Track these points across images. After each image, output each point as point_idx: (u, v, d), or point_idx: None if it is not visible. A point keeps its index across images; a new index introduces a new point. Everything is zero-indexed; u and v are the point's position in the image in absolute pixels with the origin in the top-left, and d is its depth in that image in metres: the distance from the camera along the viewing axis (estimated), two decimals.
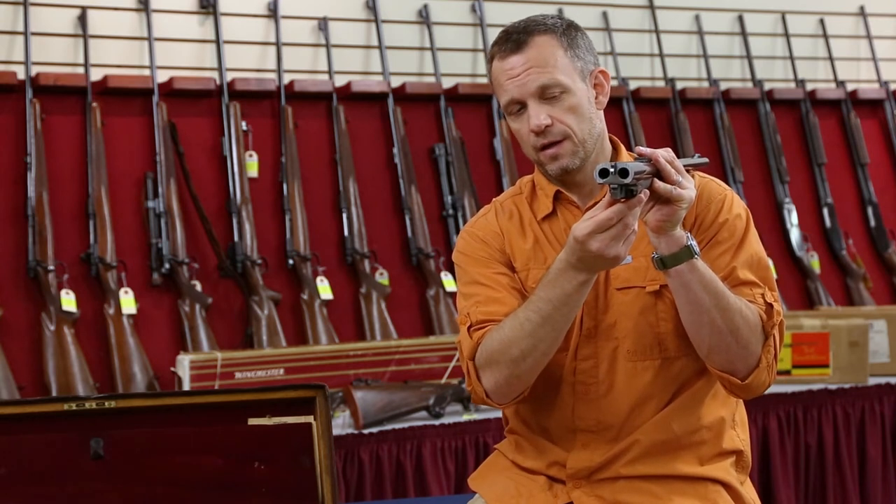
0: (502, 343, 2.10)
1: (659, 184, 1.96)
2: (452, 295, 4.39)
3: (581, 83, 2.16)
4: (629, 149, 2.26)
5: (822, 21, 5.60)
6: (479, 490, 2.28)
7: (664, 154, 1.98)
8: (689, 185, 1.99)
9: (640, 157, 1.99)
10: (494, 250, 2.24)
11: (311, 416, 2.37)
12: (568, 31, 2.17)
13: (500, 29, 2.24)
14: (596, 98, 2.19)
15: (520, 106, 2.16)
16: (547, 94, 2.13)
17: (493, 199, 2.33)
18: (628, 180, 1.89)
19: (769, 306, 2.11)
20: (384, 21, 4.68)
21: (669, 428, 2.16)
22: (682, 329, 2.13)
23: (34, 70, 4.05)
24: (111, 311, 3.96)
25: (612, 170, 1.89)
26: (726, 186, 2.24)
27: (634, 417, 2.16)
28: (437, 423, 3.58)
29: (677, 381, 2.17)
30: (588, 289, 2.04)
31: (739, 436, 2.24)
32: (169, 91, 4.24)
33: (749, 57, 5.41)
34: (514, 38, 2.16)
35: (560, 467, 2.20)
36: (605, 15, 5.12)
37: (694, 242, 2.03)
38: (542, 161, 2.17)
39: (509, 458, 2.28)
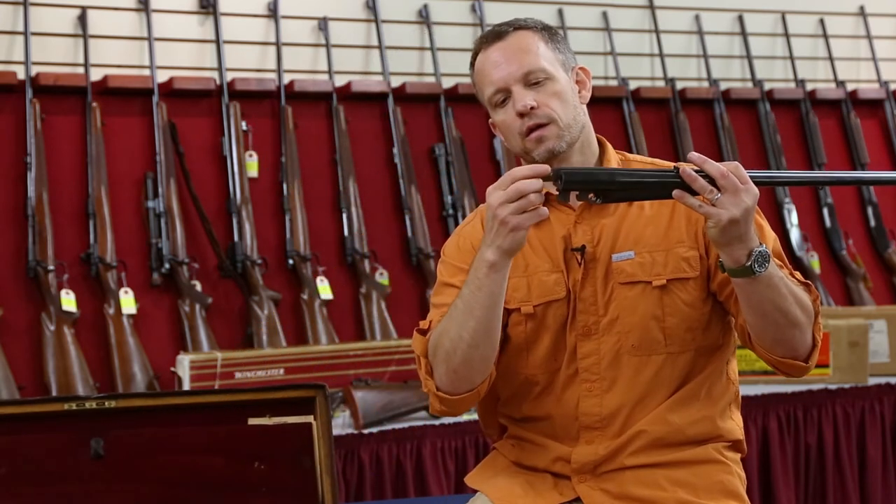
0: (439, 335, 2.12)
1: (685, 197, 1.96)
2: None
3: (563, 73, 2.21)
4: (629, 150, 2.27)
5: (822, 21, 5.60)
6: (481, 488, 2.27)
7: (709, 166, 1.96)
8: (727, 205, 1.95)
9: (673, 168, 1.99)
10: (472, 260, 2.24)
11: (311, 416, 2.37)
12: (548, 28, 2.24)
13: None
14: (578, 92, 2.23)
15: (504, 96, 2.19)
16: (531, 80, 2.17)
17: (480, 205, 2.31)
18: (561, 183, 1.97)
19: (807, 286, 2.14)
20: (384, 21, 4.68)
21: (672, 420, 2.16)
22: (689, 323, 2.15)
23: (34, 70, 4.05)
24: (111, 311, 3.96)
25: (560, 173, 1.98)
26: None
27: (638, 411, 2.16)
28: (437, 423, 3.58)
29: (682, 374, 2.17)
30: (499, 275, 2.04)
31: (737, 423, 2.25)
32: (169, 91, 4.23)
33: (749, 57, 5.40)
34: (497, 31, 2.23)
35: (564, 463, 2.20)
36: (605, 15, 5.12)
37: (759, 263, 1.99)
38: (528, 148, 2.18)
39: (510, 458, 2.28)
